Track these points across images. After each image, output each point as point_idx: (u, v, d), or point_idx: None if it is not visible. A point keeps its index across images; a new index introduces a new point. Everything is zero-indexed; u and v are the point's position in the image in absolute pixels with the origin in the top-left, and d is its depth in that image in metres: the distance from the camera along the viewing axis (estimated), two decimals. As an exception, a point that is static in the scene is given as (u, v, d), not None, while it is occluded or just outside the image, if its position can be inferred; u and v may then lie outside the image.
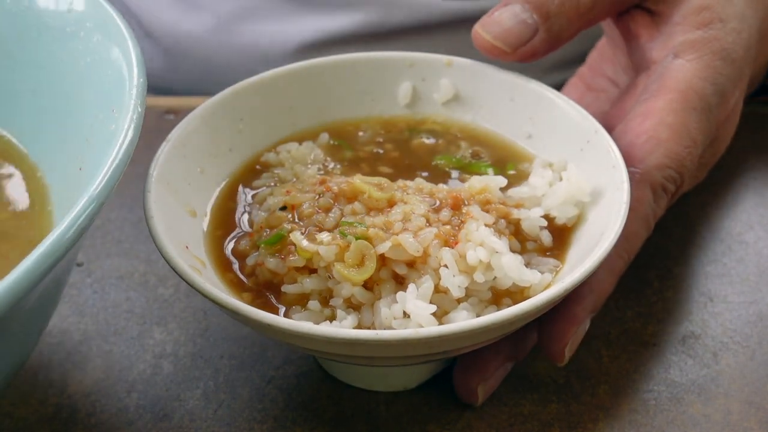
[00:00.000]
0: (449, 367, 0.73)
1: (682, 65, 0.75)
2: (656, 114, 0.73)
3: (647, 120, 0.73)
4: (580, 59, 0.95)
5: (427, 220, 0.65)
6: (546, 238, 0.68)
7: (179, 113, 1.01)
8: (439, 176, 0.75)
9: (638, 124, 0.73)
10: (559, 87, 0.82)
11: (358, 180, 0.68)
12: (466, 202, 0.67)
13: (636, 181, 0.70)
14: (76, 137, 0.62)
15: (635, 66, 0.82)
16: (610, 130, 0.72)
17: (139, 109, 0.56)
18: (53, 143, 0.66)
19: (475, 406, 0.69)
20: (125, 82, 0.59)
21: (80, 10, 0.66)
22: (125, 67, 0.60)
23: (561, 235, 0.68)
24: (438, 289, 0.62)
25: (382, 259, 0.63)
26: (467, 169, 0.75)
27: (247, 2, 1.11)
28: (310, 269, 0.64)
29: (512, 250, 0.65)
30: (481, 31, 0.75)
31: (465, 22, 1.10)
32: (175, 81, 1.20)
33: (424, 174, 0.75)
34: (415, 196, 0.67)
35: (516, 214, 0.68)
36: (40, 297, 0.53)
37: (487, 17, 0.75)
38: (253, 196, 0.73)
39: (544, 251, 0.67)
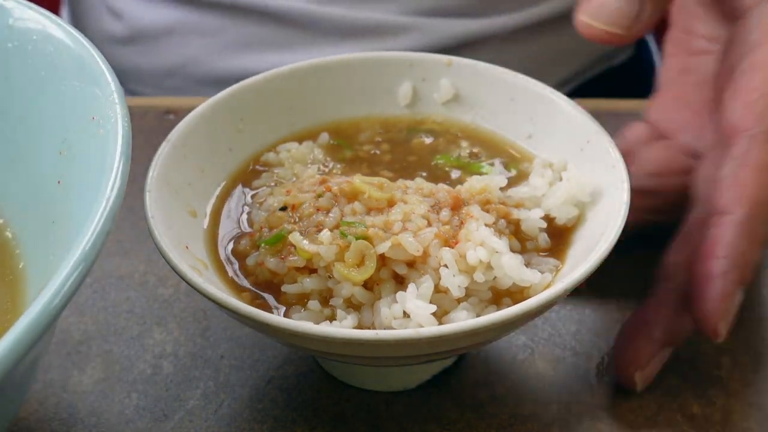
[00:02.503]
0: (449, 368, 0.73)
1: None
2: (763, 67, 0.69)
3: (755, 75, 0.69)
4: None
5: (427, 220, 0.65)
6: (545, 239, 0.67)
7: (179, 113, 1.01)
8: (438, 176, 0.75)
9: (746, 83, 0.69)
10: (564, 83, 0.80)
11: (358, 180, 0.67)
12: (466, 202, 0.67)
13: (762, 141, 0.66)
14: (48, 152, 0.60)
15: (727, 15, 0.78)
16: (720, 92, 0.69)
17: (125, 125, 0.54)
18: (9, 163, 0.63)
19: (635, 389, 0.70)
20: (102, 88, 0.57)
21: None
22: (98, 72, 0.58)
23: (561, 235, 0.68)
24: (438, 289, 0.62)
25: (382, 259, 0.63)
26: (467, 169, 0.75)
27: None
28: (310, 269, 0.64)
29: (512, 250, 0.65)
30: (588, 20, 0.70)
31: None
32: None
33: (424, 174, 0.75)
34: (415, 196, 0.67)
35: (516, 214, 0.68)
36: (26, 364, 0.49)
37: (587, 5, 0.71)
38: (252, 196, 0.73)
39: (544, 251, 0.67)
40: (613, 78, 1.32)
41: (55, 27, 0.62)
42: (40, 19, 0.63)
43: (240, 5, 1.13)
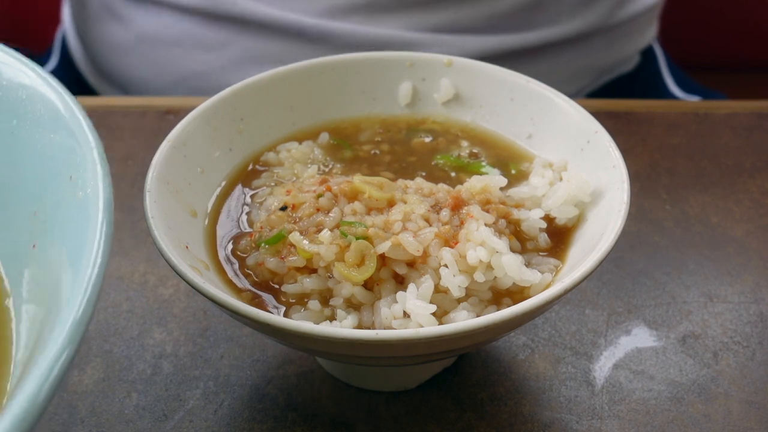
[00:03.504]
0: (449, 368, 0.73)
1: None
2: None
3: None
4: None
5: (427, 220, 0.65)
6: (545, 239, 0.67)
7: (179, 113, 1.01)
8: (438, 176, 0.74)
9: None
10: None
11: (358, 180, 0.67)
12: (467, 202, 0.67)
13: None
14: (21, 212, 0.53)
15: None
16: None
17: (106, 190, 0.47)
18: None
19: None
20: (81, 146, 0.50)
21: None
22: (77, 131, 0.51)
23: (561, 235, 0.68)
24: (438, 289, 0.62)
25: (382, 259, 0.63)
26: (466, 169, 0.75)
27: None
28: (310, 269, 0.64)
29: (512, 250, 0.65)
30: None
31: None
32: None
33: (424, 174, 0.75)
34: (415, 195, 0.67)
35: (516, 214, 0.68)
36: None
37: None
38: (252, 196, 0.73)
39: (544, 251, 0.67)
40: (619, 86, 1.32)
41: (28, 71, 0.56)
42: (11, 62, 0.57)
43: (247, 19, 1.12)
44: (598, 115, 0.74)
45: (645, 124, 1.02)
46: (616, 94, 1.30)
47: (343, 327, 0.61)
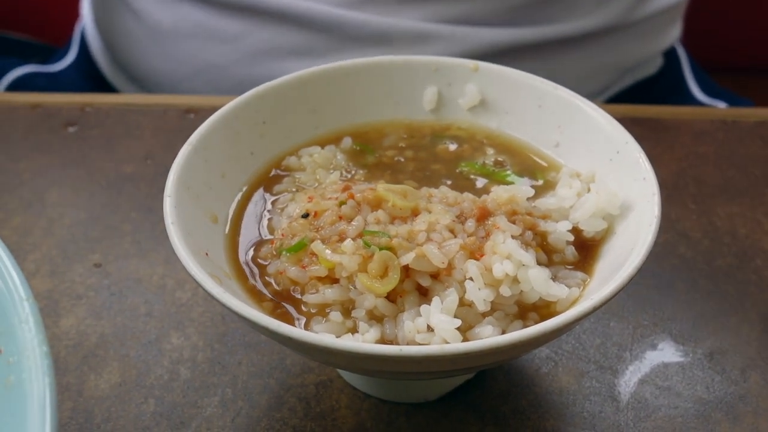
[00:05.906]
0: (471, 380, 0.71)
1: None
2: None
3: None
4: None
5: (452, 231, 0.63)
6: (572, 252, 0.66)
7: (199, 112, 1.00)
8: (463, 184, 0.73)
9: None
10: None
11: (382, 188, 0.66)
12: (492, 213, 0.65)
13: None
14: None
15: None
16: None
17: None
18: None
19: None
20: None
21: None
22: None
23: (589, 248, 0.67)
24: (463, 303, 0.60)
25: (406, 271, 0.61)
26: (492, 178, 0.74)
27: None
28: (332, 279, 0.63)
29: (538, 263, 0.63)
30: None
31: None
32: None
33: (449, 182, 0.73)
34: (439, 205, 0.66)
35: (543, 226, 0.66)
36: None
37: None
38: (273, 202, 0.71)
39: (571, 264, 0.66)
40: (642, 89, 1.30)
41: None
42: None
43: (262, 9, 1.11)
44: (624, 121, 0.72)
45: (672, 131, 1.00)
46: (639, 97, 1.28)
47: (366, 340, 0.59)
